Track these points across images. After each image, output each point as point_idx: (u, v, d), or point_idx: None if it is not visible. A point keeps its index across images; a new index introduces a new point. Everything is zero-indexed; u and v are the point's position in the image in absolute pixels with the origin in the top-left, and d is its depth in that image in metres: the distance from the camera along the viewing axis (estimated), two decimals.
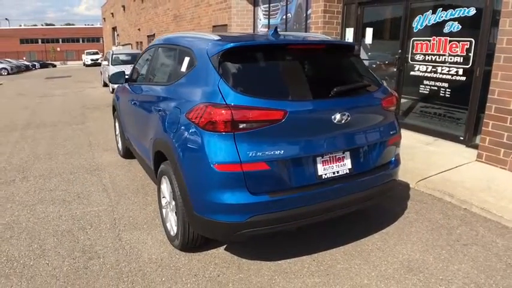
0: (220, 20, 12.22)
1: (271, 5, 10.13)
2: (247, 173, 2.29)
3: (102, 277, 2.69)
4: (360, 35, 7.23)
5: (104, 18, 41.86)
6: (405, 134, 6.25)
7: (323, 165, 2.54)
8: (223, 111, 2.26)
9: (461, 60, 5.45)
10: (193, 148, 2.38)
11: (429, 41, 5.86)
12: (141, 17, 23.83)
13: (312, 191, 2.49)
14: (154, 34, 21.01)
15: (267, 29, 10.54)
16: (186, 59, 2.86)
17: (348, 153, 2.65)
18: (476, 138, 5.35)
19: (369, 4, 7.00)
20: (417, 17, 6.04)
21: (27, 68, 38.11)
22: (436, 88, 5.91)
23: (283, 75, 2.59)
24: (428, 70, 5.96)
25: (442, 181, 4.27)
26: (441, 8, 5.64)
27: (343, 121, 2.49)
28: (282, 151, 2.35)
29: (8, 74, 30.02)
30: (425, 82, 6.06)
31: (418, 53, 6.08)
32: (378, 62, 7.39)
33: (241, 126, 2.27)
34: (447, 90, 5.76)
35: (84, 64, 41.29)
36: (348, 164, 2.64)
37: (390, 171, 2.94)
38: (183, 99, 2.64)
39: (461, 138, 5.54)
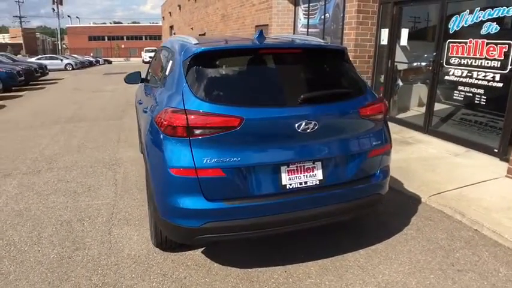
0: (262, 20, 12.24)
1: (310, 4, 9.93)
2: (202, 178, 2.27)
3: (80, 267, 2.84)
4: (395, 36, 6.84)
5: (163, 17, 43.79)
6: (434, 142, 5.87)
7: (288, 175, 2.44)
8: (179, 116, 2.27)
9: (499, 65, 4.94)
10: (156, 152, 2.42)
11: (465, 43, 5.38)
12: (194, 16, 24.62)
13: (276, 200, 2.40)
14: (205, 33, 21.60)
15: (306, 30, 10.37)
16: (170, 63, 2.91)
17: (318, 164, 2.52)
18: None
19: (405, 3, 6.59)
20: (453, 18, 5.58)
21: (90, 64, 40.99)
22: (471, 94, 5.43)
23: (249, 81, 2.52)
24: (464, 75, 5.48)
25: (458, 197, 3.91)
26: (479, 8, 5.15)
27: (308, 130, 2.38)
28: (239, 158, 2.30)
29: (73, 69, 32.56)
30: (460, 87, 5.58)
31: (454, 56, 5.61)
32: (414, 65, 6.96)
33: (196, 132, 2.26)
34: (482, 97, 5.26)
35: (143, 61, 43.59)
36: (318, 174, 2.51)
37: (373, 184, 2.75)
38: (157, 103, 2.69)
39: (495, 150, 5.03)
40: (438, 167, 4.78)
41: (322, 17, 9.35)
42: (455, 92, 5.67)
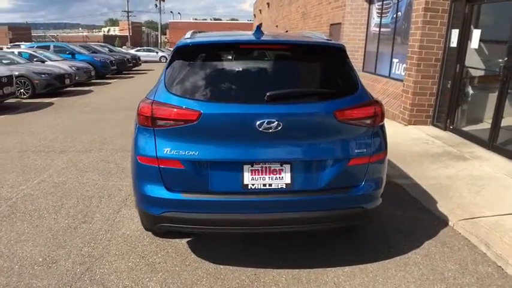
0: (336, 18, 11.86)
1: (384, 2, 9.33)
2: (163, 168, 2.34)
3: (78, 238, 3.13)
4: (466, 38, 6.09)
5: (254, 15, 44.96)
6: (495, 160, 5.11)
7: (251, 175, 2.36)
8: (147, 107, 2.37)
9: None
10: (132, 140, 2.54)
11: None
12: (279, 14, 24.82)
13: (236, 199, 2.35)
14: (287, 31, 21.66)
15: (378, 29, 9.78)
16: None
17: (287, 167, 2.38)
18: None
19: (479, 1, 5.81)
20: None
21: None
22: None
23: (218, 76, 2.48)
24: None
25: (492, 226, 3.37)
26: None
27: (271, 130, 2.26)
28: (197, 152, 2.30)
29: (166, 61, 35.37)
30: None
31: None
32: (486, 71, 6.12)
33: (160, 122, 2.33)
34: None
35: None
36: (286, 178, 2.38)
37: (354, 196, 2.50)
38: None
39: None
40: (485, 189, 4.16)
41: (394, 15, 8.72)
42: None
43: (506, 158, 5.08)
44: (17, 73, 10.06)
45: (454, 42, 6.34)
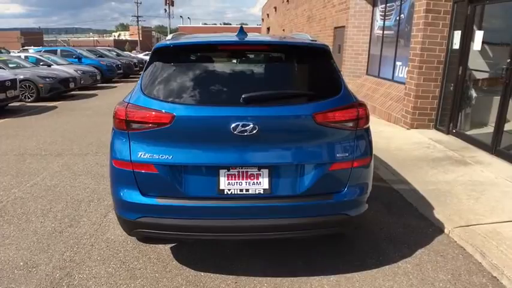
0: (340, 22, 11.76)
1: (387, 4, 9.21)
2: (137, 172, 2.28)
3: (62, 242, 3.09)
4: (468, 39, 5.95)
5: (262, 19, 45.06)
6: (497, 165, 4.97)
7: (227, 179, 2.29)
8: (121, 110, 2.32)
9: None
10: (109, 143, 2.49)
11: None
12: (286, 18, 24.80)
13: (212, 204, 2.28)
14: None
15: (381, 32, 9.66)
16: None
17: (265, 171, 2.30)
18: None
19: (481, 1, 5.67)
20: None
21: None
22: None
23: (194, 78, 2.40)
24: None
25: (489, 234, 3.24)
26: None
27: (246, 133, 2.19)
28: (171, 156, 2.24)
29: None
30: None
31: None
32: (489, 73, 5.96)
33: (134, 126, 2.28)
34: None
35: None
36: (264, 183, 2.30)
37: (337, 202, 2.41)
38: None
39: None
40: (485, 195, 4.02)
41: (397, 18, 8.60)
42: None
43: (509, 162, 4.92)
44: (22, 77, 10.17)
45: (456, 44, 6.20)
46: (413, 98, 6.79)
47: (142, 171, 2.27)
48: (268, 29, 38.23)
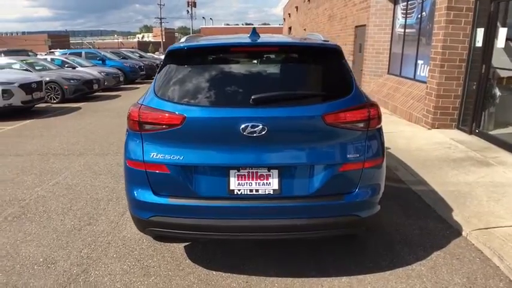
0: (361, 20, 11.60)
1: (409, 2, 9.01)
2: (150, 172, 2.34)
3: (80, 240, 3.20)
4: (492, 37, 5.76)
5: (284, 19, 44.93)
6: None
7: (238, 180, 2.31)
8: (135, 111, 2.38)
9: None
10: (124, 144, 2.55)
11: None
12: (307, 17, 24.66)
13: (222, 204, 2.31)
14: None
15: (403, 30, 9.46)
16: None
17: (275, 172, 2.31)
18: None
19: None
20: None
21: None
22: None
23: (205, 79, 2.43)
24: None
25: (508, 237, 3.13)
26: None
27: (255, 134, 2.21)
28: (182, 157, 2.28)
29: None
30: None
31: None
32: None
33: (146, 127, 2.34)
34: None
35: None
36: (274, 184, 2.31)
37: (347, 203, 2.39)
38: None
39: None
40: (507, 197, 3.89)
41: (419, 15, 8.41)
42: None
43: None
44: (47, 79, 10.55)
45: (479, 42, 6.01)
46: (434, 97, 6.62)
47: (155, 171, 2.33)
48: (290, 28, 38.08)
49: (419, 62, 8.38)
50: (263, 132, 2.22)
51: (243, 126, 2.21)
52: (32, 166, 5.18)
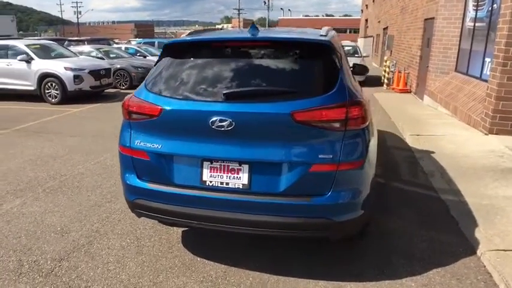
0: (430, 13, 10.75)
1: None
2: (135, 158, 2.55)
3: (96, 215, 3.57)
4: None
5: (362, 10, 43.17)
6: None
7: (210, 172, 2.39)
8: (127, 101, 2.61)
9: None
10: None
11: None
12: (382, 9, 23.42)
13: (194, 194, 2.41)
14: (387, 27, 20.42)
15: (473, 24, 8.59)
16: None
17: (245, 167, 2.34)
18: None
19: None
20: None
21: None
22: None
23: (189, 73, 2.54)
24: None
25: None
26: None
27: (223, 128, 2.27)
28: (160, 146, 2.44)
29: None
30: None
31: None
32: None
33: (133, 116, 2.55)
34: None
35: None
36: (244, 178, 2.35)
37: (317, 205, 2.32)
38: None
39: None
40: None
41: (490, 8, 7.56)
42: None
43: None
44: (118, 66, 11.54)
45: None
46: (494, 99, 5.97)
47: (138, 157, 2.53)
48: (366, 21, 36.50)
49: (487, 59, 7.56)
50: (231, 127, 2.27)
51: (212, 120, 2.29)
52: (82, 146, 5.79)
